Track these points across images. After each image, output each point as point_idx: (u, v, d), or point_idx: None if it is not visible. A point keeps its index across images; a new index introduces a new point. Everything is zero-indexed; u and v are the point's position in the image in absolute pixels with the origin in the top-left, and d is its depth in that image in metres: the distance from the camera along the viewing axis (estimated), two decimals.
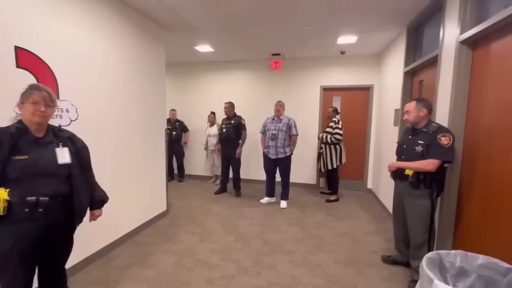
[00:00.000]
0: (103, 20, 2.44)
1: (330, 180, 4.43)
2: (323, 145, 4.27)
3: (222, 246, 2.77)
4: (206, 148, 5.39)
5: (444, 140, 1.94)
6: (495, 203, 1.72)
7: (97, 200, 1.59)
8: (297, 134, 3.99)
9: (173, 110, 5.44)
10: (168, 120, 5.29)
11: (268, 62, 4.96)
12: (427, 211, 2.07)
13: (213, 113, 5.22)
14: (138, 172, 3.02)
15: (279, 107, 3.97)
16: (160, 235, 3.00)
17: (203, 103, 5.61)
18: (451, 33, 2.19)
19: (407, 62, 3.27)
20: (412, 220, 2.15)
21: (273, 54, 4.77)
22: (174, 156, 5.47)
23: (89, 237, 2.28)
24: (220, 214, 3.68)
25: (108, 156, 2.56)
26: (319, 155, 4.39)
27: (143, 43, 3.02)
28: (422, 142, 2.04)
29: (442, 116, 2.26)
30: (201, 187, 5.08)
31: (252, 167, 5.36)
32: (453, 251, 1.47)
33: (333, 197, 4.34)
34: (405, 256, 2.36)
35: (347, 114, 4.89)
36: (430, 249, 2.08)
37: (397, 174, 2.22)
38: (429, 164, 1.96)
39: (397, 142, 2.39)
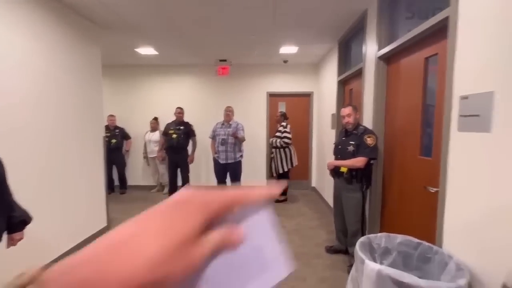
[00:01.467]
0: (23, 15, 2.12)
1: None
2: (274, 150, 4.47)
3: None
4: (145, 156, 5.08)
5: (370, 140, 2.27)
6: (408, 191, 2.08)
7: (17, 221, 1.37)
8: (244, 139, 4.03)
9: (112, 116, 4.98)
10: (107, 127, 4.81)
11: (215, 67, 4.99)
12: (359, 203, 2.37)
13: (155, 118, 4.97)
14: (72, 185, 2.68)
15: (229, 112, 4.02)
16: None
17: (145, 108, 5.29)
18: (371, 50, 2.59)
19: (339, 73, 3.71)
20: (347, 211, 2.43)
21: (220, 60, 4.82)
22: (114, 166, 5.00)
23: (9, 265, 1.92)
24: None
25: (35, 169, 2.22)
26: (271, 159, 4.57)
27: (76, 43, 2.73)
28: (353, 142, 2.34)
29: (367, 120, 2.64)
30: (146, 198, 4.76)
31: (202, 173, 5.27)
32: (379, 234, 1.72)
33: (282, 198, 4.57)
34: (344, 244, 2.64)
35: (291, 119, 5.20)
36: (363, 235, 2.38)
37: (335, 172, 2.49)
38: (359, 162, 2.27)
39: (333, 143, 2.68)
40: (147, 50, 4.18)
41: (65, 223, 2.59)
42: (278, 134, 4.40)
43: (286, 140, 4.30)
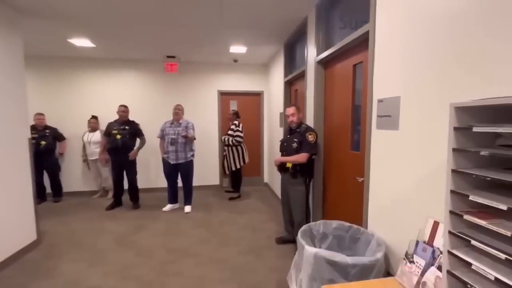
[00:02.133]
0: None
1: (234, 179, 4.74)
2: (226, 148, 4.50)
3: (119, 266, 2.50)
4: (85, 159, 4.62)
5: (310, 138, 2.49)
6: (342, 182, 2.36)
7: None
8: (194, 138, 3.98)
9: (40, 114, 4.37)
10: (34, 127, 4.21)
11: (163, 64, 4.77)
12: (303, 195, 2.59)
13: (94, 117, 4.54)
14: None
15: (178, 111, 3.91)
16: (29, 272, 2.39)
17: (83, 106, 4.78)
18: (311, 54, 2.82)
19: (285, 74, 3.93)
20: (293, 203, 2.63)
21: (168, 56, 4.63)
22: (44, 171, 4.41)
23: None
24: (114, 232, 3.27)
25: None
26: (224, 157, 4.60)
27: None
28: (296, 139, 2.54)
29: (310, 118, 2.88)
30: (87, 204, 4.33)
31: (151, 174, 5.02)
32: (318, 222, 1.92)
33: (235, 195, 4.65)
34: (292, 234, 2.85)
35: (243, 117, 5.32)
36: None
37: (281, 167, 2.67)
38: (302, 157, 2.47)
39: (280, 141, 2.86)
40: (82, 42, 3.78)
41: None
42: (230, 132, 4.46)
43: (238, 139, 4.39)
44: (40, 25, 3.14)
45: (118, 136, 3.84)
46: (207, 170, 5.24)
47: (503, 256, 0.70)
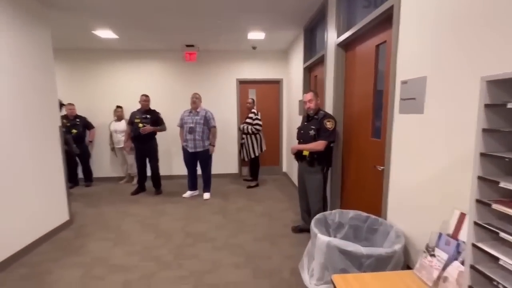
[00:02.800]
0: None
1: (252, 168, 4.75)
2: (244, 136, 4.51)
3: (140, 247, 2.64)
4: (113, 148, 4.88)
5: (329, 125, 2.39)
6: (362, 171, 2.25)
7: None
8: (215, 126, 4.05)
9: (71, 104, 4.66)
10: (65, 117, 4.52)
11: (182, 53, 4.82)
12: (320, 183, 2.52)
13: (119, 107, 4.75)
14: (26, 179, 2.52)
15: (195, 99, 3.95)
16: (61, 249, 2.61)
17: (109, 96, 5.00)
18: (331, 37, 2.67)
19: (305, 59, 3.78)
20: (310, 192, 2.57)
21: (187, 45, 4.66)
22: (77, 158, 4.74)
23: None
24: (138, 215, 3.45)
25: None
26: (241, 145, 4.62)
27: (21, 25, 2.48)
28: (313, 127, 2.45)
29: (329, 104, 2.76)
30: (114, 189, 4.60)
31: (173, 162, 5.18)
32: (333, 211, 1.86)
33: (253, 183, 4.67)
34: (308, 223, 2.81)
35: (262, 105, 5.29)
36: None
37: (298, 156, 2.60)
38: (319, 145, 2.39)
39: (297, 128, 2.78)
40: (106, 33, 3.91)
41: (20, 219, 2.45)
42: (249, 120, 4.44)
43: (257, 127, 4.37)
44: (67, 18, 3.28)
45: (140, 125, 3.98)
46: (226, 159, 5.30)
47: None
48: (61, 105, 4.24)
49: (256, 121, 4.38)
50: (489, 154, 0.74)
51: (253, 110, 4.47)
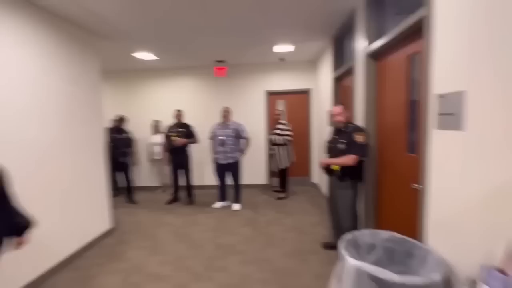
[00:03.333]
0: (28, 34, 2.24)
1: (282, 179, 4.73)
2: (274, 146, 4.52)
3: (174, 256, 2.76)
4: (150, 159, 5.23)
5: (360, 138, 2.29)
6: (397, 188, 2.10)
7: (21, 226, 1.49)
8: (248, 137, 4.13)
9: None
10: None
11: (213, 69, 5.05)
12: (351, 199, 2.41)
13: (156, 121, 5.10)
14: (74, 190, 2.82)
15: (226, 113, 4.09)
16: (105, 255, 2.85)
17: (147, 111, 5.42)
18: (360, 46, 2.59)
19: (334, 69, 3.71)
20: (341, 208, 2.47)
21: (217, 61, 4.87)
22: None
23: (17, 268, 2.07)
24: (172, 224, 3.63)
25: (40, 175, 2.37)
26: (271, 156, 4.64)
27: (73, 52, 2.85)
28: (343, 140, 2.38)
29: (359, 117, 2.66)
30: (151, 199, 4.91)
31: (205, 173, 5.38)
32: (364, 231, 1.76)
33: (282, 195, 4.63)
34: (338, 240, 2.69)
35: (291, 116, 5.27)
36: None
37: (327, 170, 2.53)
38: (349, 160, 2.30)
39: (326, 141, 2.72)
40: (146, 55, 4.29)
41: (69, 227, 2.74)
42: (278, 131, 4.46)
43: (288, 138, 4.37)
44: (112, 45, 3.68)
45: (173, 138, 4.23)
46: (255, 170, 5.35)
47: None
48: (121, 119, 4.72)
49: (286, 132, 4.38)
50: None
51: (281, 121, 4.48)
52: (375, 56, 2.41)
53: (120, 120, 4.72)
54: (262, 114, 5.31)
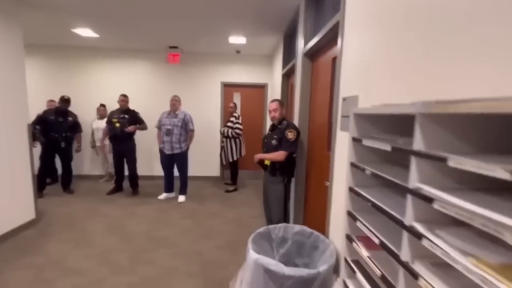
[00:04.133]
0: None
1: (232, 172, 4.72)
2: (224, 139, 4.49)
3: (100, 250, 2.62)
4: (93, 146, 4.87)
5: (290, 135, 2.36)
6: (319, 184, 2.22)
7: None
8: (193, 130, 4.05)
9: (52, 101, 4.65)
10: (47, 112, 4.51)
11: (166, 54, 4.81)
12: (281, 194, 2.49)
13: (103, 105, 4.75)
14: None
15: (175, 102, 3.93)
16: (20, 249, 2.60)
17: (92, 94, 5.00)
18: (300, 46, 2.64)
19: (283, 65, 3.75)
20: (271, 202, 2.54)
21: (171, 47, 4.65)
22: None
23: None
24: (107, 216, 3.43)
25: None
26: (221, 148, 4.60)
27: None
28: (276, 136, 2.42)
29: (297, 115, 2.73)
30: (92, 188, 4.59)
31: (153, 163, 5.16)
32: (278, 225, 1.83)
33: (232, 188, 4.65)
34: None
35: (246, 109, 5.26)
36: None
37: (261, 164, 2.57)
38: (279, 155, 2.36)
39: (263, 136, 2.75)
40: (86, 32, 3.91)
41: None
42: (229, 124, 4.42)
43: (237, 131, 4.35)
44: (42, 16, 3.28)
45: (117, 124, 3.97)
46: (208, 162, 5.28)
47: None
48: (65, 101, 4.16)
49: (236, 125, 4.36)
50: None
51: (234, 114, 4.45)
52: (311, 56, 2.48)
53: (64, 101, 4.18)
54: (217, 106, 5.22)
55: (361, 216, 0.67)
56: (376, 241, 0.56)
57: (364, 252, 0.64)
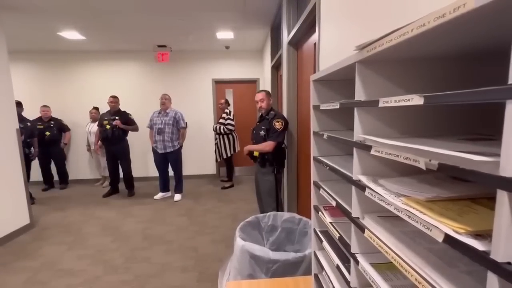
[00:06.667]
0: None
1: (228, 168, 4.72)
2: (217, 136, 4.48)
3: (94, 250, 2.61)
4: (88, 149, 4.86)
5: (277, 125, 2.35)
6: (308, 173, 2.21)
7: None
8: (186, 127, 4.04)
9: (45, 106, 4.62)
10: (40, 119, 4.50)
11: (154, 53, 4.78)
12: (272, 185, 2.48)
13: (95, 108, 4.73)
14: None
15: (165, 100, 3.92)
16: (14, 253, 2.59)
17: (84, 98, 4.98)
18: (285, 35, 2.63)
19: (271, 58, 3.74)
20: (263, 194, 2.54)
21: (159, 46, 4.62)
22: (52, 161, 4.72)
23: None
24: (103, 218, 3.43)
25: None
26: (215, 145, 4.59)
27: None
28: (264, 127, 2.42)
29: (285, 105, 2.72)
30: (88, 192, 4.58)
31: (149, 163, 5.14)
32: (267, 214, 1.82)
33: (228, 184, 4.64)
34: None
35: (239, 105, 5.25)
36: None
37: (251, 156, 2.57)
38: (267, 146, 2.35)
39: (252, 128, 2.74)
40: (72, 35, 3.89)
41: None
42: (221, 121, 4.41)
43: (229, 127, 4.34)
44: (26, 20, 3.26)
45: (108, 126, 3.95)
46: (203, 159, 5.27)
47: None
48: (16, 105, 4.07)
49: (228, 121, 4.35)
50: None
51: (226, 110, 4.44)
52: (295, 45, 2.47)
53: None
54: (209, 103, 5.20)
55: (326, 185, 0.67)
56: (334, 203, 0.55)
57: (328, 219, 0.63)
